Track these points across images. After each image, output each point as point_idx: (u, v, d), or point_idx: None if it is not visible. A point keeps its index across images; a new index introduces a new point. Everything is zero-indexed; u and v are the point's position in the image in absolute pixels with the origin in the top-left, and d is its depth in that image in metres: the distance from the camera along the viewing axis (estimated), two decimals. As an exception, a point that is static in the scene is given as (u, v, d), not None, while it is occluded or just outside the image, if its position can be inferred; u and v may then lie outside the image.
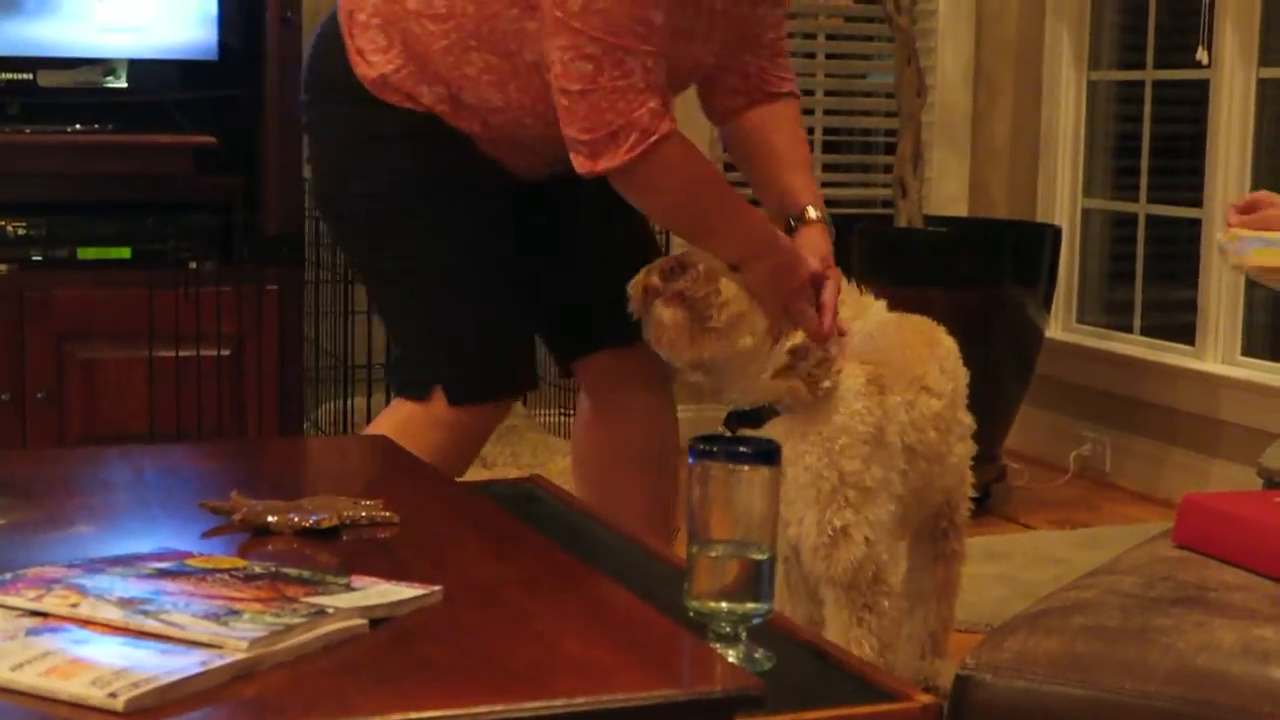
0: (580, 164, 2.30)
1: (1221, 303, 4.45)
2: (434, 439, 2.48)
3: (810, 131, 5.08)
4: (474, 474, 2.97)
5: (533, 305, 2.62)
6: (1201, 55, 4.39)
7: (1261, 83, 4.39)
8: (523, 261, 2.57)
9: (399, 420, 2.54)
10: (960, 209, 5.22)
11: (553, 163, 2.48)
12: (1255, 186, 4.41)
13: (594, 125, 2.26)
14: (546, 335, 2.73)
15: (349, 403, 4.28)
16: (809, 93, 5.15)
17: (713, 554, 1.52)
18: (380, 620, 1.39)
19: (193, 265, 3.87)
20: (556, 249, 2.63)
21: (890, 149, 4.53)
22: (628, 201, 2.39)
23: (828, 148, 5.39)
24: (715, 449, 1.53)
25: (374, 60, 2.44)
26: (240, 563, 1.52)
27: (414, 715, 1.21)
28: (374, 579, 1.47)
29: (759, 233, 2.42)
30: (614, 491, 2.68)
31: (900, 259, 4.29)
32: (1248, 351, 4.43)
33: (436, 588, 1.46)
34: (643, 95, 2.26)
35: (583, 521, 2.07)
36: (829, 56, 5.39)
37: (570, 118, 2.28)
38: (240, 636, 1.27)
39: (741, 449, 1.53)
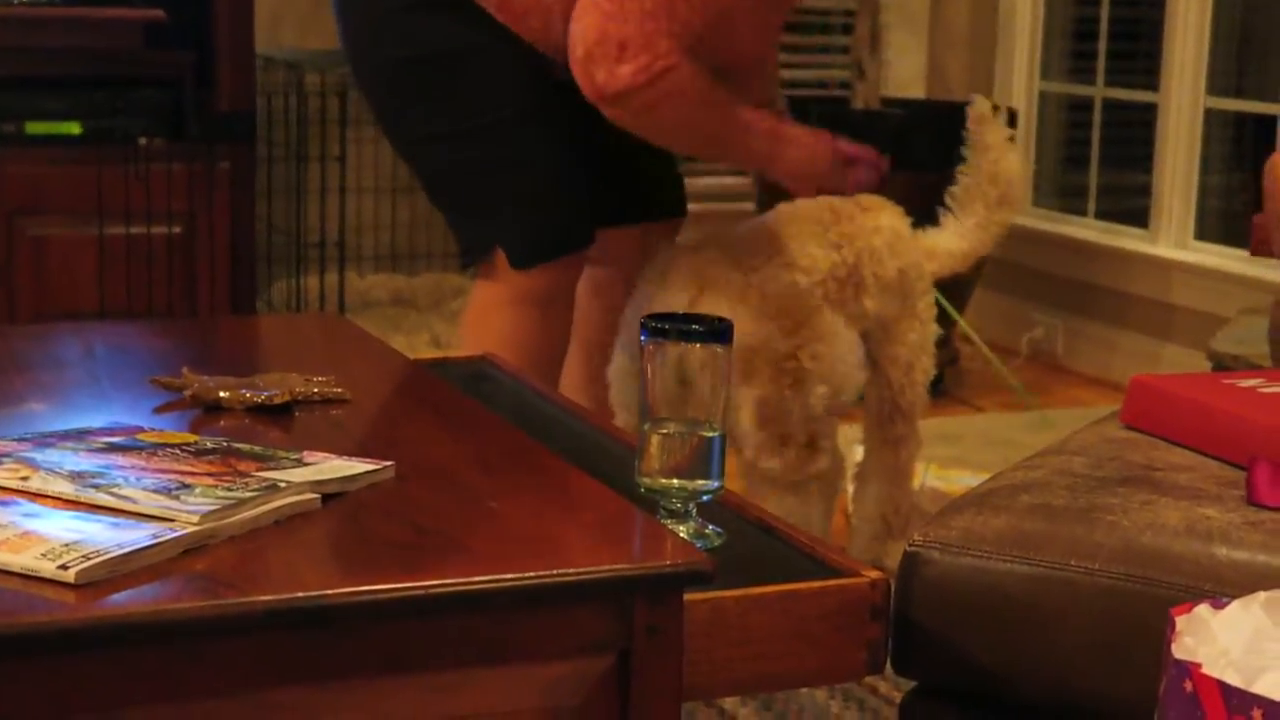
0: (580, 78, 2.33)
1: (1175, 187, 4.46)
2: (515, 318, 2.46)
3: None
4: (426, 352, 2.97)
5: (590, 160, 2.59)
6: (1161, -62, 4.37)
7: (1220, -34, 4.38)
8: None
9: (477, 305, 2.52)
10: (917, 91, 5.21)
11: None
12: (1211, 73, 4.41)
13: (603, 38, 2.29)
14: None
15: (301, 281, 4.27)
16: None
17: (664, 431, 1.53)
18: (333, 495, 1.39)
19: (142, 141, 3.83)
20: (597, 123, 2.61)
21: (848, 30, 4.50)
22: (637, 132, 2.43)
23: (786, 28, 5.34)
24: (668, 327, 1.53)
25: None
26: (192, 438, 1.52)
27: (365, 589, 1.21)
28: (326, 454, 1.47)
29: (767, 140, 2.49)
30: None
31: (856, 140, 4.27)
32: (1200, 236, 4.45)
33: (389, 463, 1.46)
34: (663, 34, 2.31)
35: (535, 400, 2.07)
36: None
37: (581, 28, 2.31)
38: (191, 510, 1.27)
39: (694, 327, 1.53)
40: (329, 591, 1.20)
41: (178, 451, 1.46)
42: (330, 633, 1.20)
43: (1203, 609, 1.19)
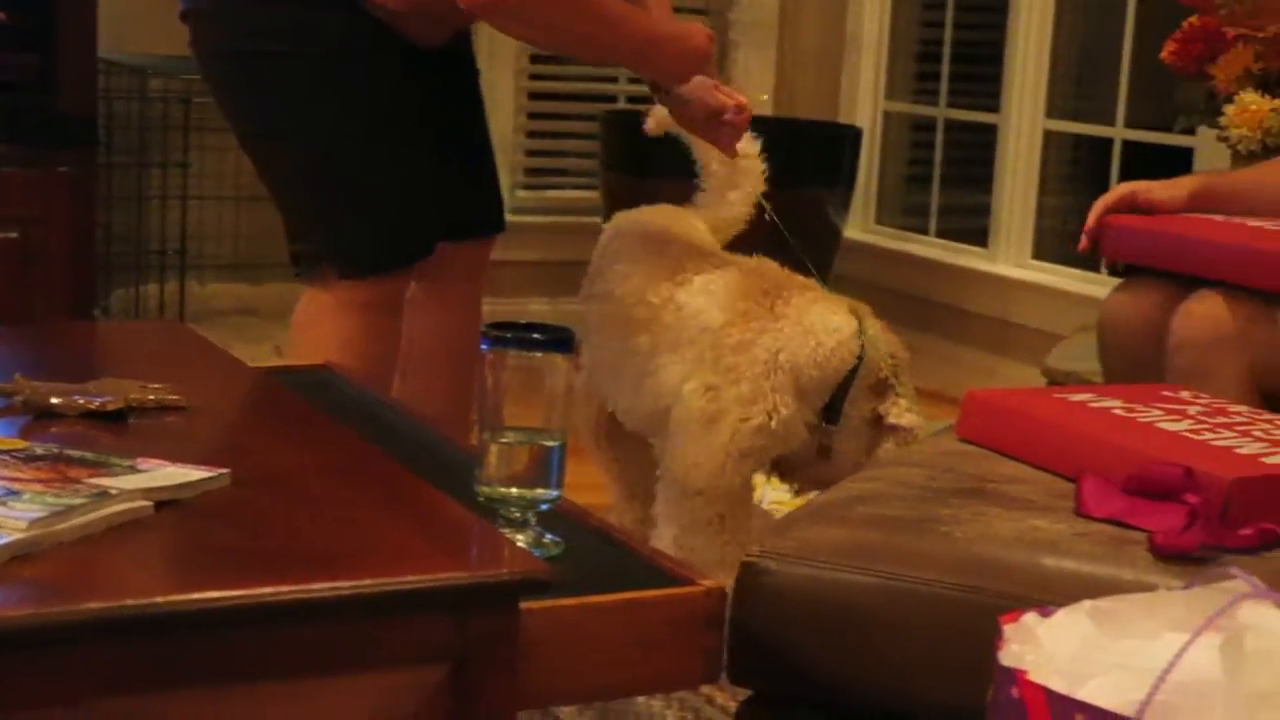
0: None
1: (1014, 207, 4.54)
2: (344, 325, 2.44)
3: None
4: (269, 361, 2.94)
5: (430, 171, 2.58)
6: (1003, -38, 4.45)
7: (1061, -9, 4.47)
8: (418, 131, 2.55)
9: (306, 311, 2.50)
10: (764, 109, 5.25)
11: (463, 25, 2.54)
12: (1051, 94, 4.50)
13: None
14: None
15: (142, 289, 4.20)
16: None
17: (504, 440, 1.53)
18: (166, 503, 1.38)
19: (-23, 144, 3.75)
20: (432, 134, 2.61)
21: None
22: (515, 38, 2.44)
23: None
24: (509, 336, 1.53)
25: None
26: (21, 444, 1.49)
27: (198, 596, 1.20)
28: (160, 462, 1.45)
29: (648, 35, 2.48)
30: (433, 377, 2.68)
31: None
32: (1038, 255, 4.54)
33: (224, 470, 1.45)
34: None
35: (376, 408, 2.06)
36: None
37: None
38: (19, 517, 1.25)
39: (535, 336, 1.53)
40: (160, 599, 1.19)
41: (7, 458, 1.43)
42: (162, 641, 1.19)
43: (1030, 617, 1.22)
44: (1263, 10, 3.16)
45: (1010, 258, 4.56)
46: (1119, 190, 2.40)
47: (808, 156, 4.36)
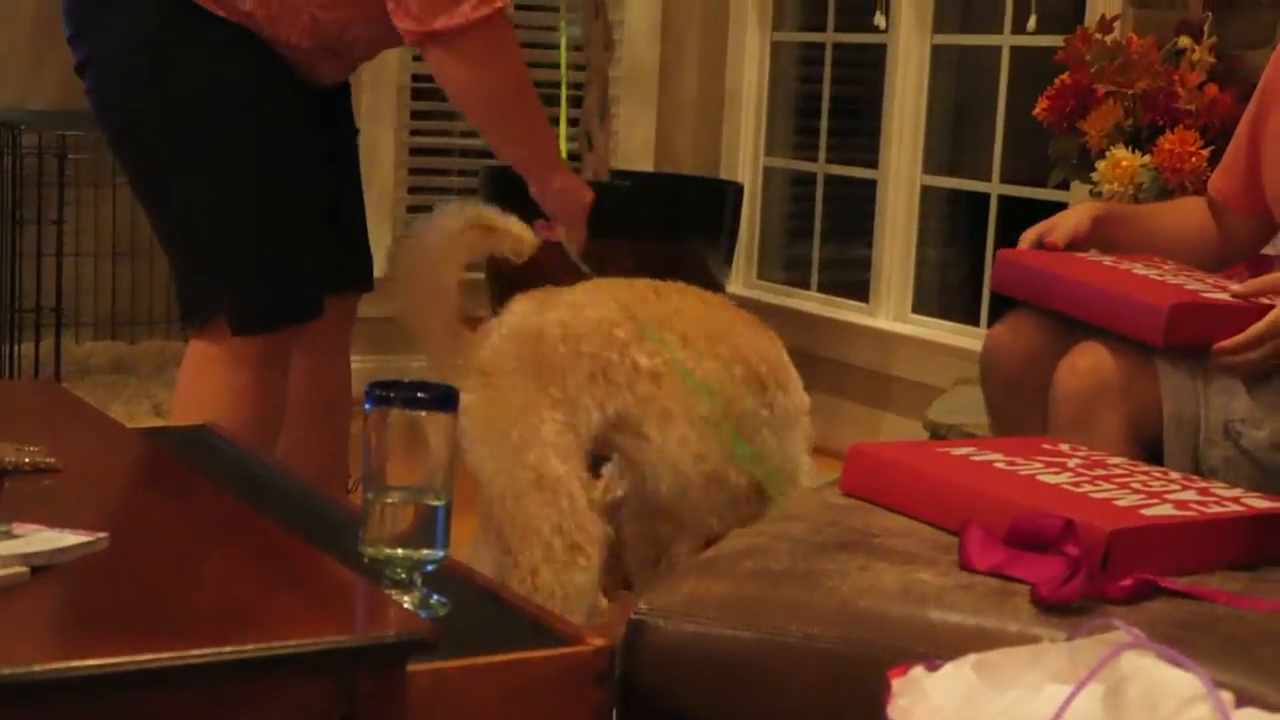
0: (411, 26, 2.33)
1: (894, 261, 4.59)
2: (232, 380, 2.41)
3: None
4: (147, 420, 2.90)
5: (322, 226, 2.57)
6: (879, 20, 4.51)
7: (935, 49, 4.53)
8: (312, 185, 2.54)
9: (194, 363, 2.47)
10: (646, 163, 5.28)
11: (361, 61, 2.57)
12: (927, 149, 4.56)
13: None
14: None
15: (16, 348, 4.14)
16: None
17: (389, 500, 1.51)
18: (43, 568, 1.35)
19: None
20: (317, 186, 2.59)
21: (577, 102, 4.55)
22: (444, 82, 2.45)
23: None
24: (393, 395, 1.52)
25: None
26: (-108, 509, 1.46)
27: (77, 664, 1.18)
28: (37, 526, 1.43)
29: (554, 147, 2.61)
30: (306, 432, 2.65)
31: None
32: (918, 309, 4.58)
33: (102, 535, 1.42)
34: None
35: (257, 468, 2.03)
36: (519, 8, 5.38)
37: None
38: (-110, 584, 1.22)
39: (419, 395, 1.53)
40: (37, 667, 1.16)
41: (-123, 523, 1.40)
42: (40, 708, 1.17)
43: (917, 671, 1.22)
44: (1132, 67, 3.22)
45: (890, 312, 4.60)
46: (1029, 235, 2.40)
47: (689, 211, 4.38)
